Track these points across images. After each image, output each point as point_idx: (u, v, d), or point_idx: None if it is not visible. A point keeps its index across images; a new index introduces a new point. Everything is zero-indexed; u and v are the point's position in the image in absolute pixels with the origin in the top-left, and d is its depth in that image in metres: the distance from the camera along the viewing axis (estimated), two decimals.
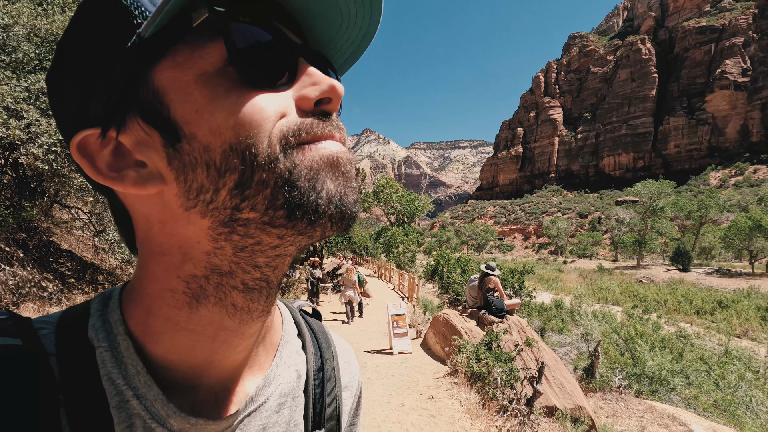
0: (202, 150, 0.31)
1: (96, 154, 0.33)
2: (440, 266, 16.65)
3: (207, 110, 0.31)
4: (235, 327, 0.37)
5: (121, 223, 0.39)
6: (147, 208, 0.35)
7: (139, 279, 0.37)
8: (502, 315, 6.83)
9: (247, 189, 0.31)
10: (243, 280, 0.35)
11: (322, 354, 0.52)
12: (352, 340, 8.74)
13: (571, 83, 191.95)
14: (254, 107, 0.31)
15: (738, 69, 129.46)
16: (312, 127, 0.34)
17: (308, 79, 0.35)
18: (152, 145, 0.32)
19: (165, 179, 0.33)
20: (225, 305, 0.35)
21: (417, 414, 4.80)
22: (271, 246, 0.34)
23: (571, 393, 5.45)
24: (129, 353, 0.35)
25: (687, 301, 22.60)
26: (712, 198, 56.17)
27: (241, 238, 0.33)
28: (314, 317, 0.61)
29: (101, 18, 0.32)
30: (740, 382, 8.00)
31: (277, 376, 0.45)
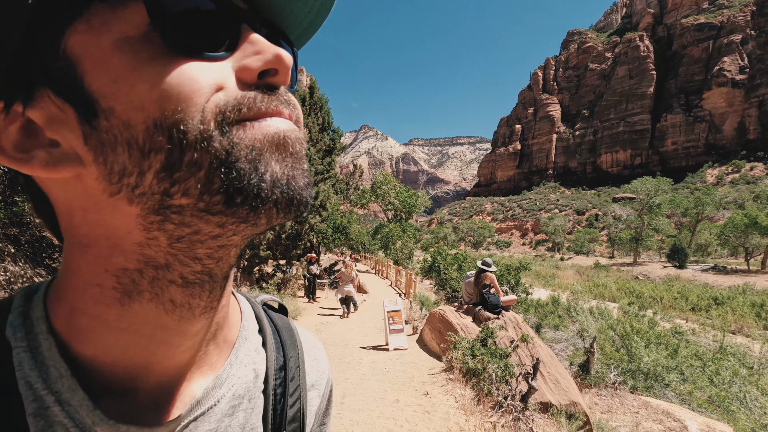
0: (122, 126, 0.27)
1: (1, 132, 0.29)
2: (437, 262, 16.67)
3: (127, 81, 0.27)
4: (175, 325, 0.33)
5: (41, 211, 0.35)
6: (67, 194, 0.31)
7: (63, 272, 0.33)
8: (497, 311, 6.83)
9: (176, 171, 0.27)
10: (182, 273, 0.31)
11: (285, 351, 0.48)
12: (348, 337, 8.73)
13: (569, 80, 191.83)
14: (183, 77, 0.27)
15: (736, 66, 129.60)
16: (255, 101, 0.30)
17: (251, 48, 0.30)
18: (66, 121, 0.28)
19: (83, 161, 0.28)
20: (162, 301, 0.32)
21: (412, 410, 4.80)
22: (212, 236, 0.30)
23: (567, 389, 5.45)
24: (51, 354, 0.31)
25: (683, 298, 22.72)
26: (709, 195, 56.19)
27: (176, 227, 0.29)
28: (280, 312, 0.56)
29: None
30: (734, 378, 8.05)
31: (231, 376, 0.41)
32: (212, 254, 0.32)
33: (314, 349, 0.55)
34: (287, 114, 0.32)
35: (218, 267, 0.33)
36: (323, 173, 14.93)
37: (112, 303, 0.31)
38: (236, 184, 0.27)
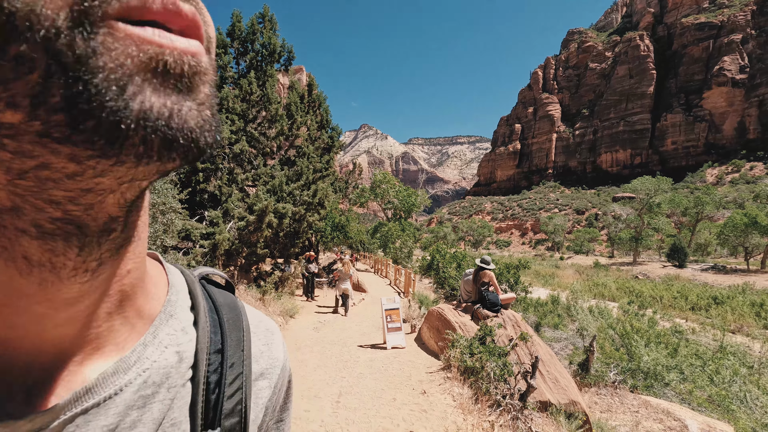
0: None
1: None
2: (436, 261, 16.61)
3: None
4: (35, 290, 0.26)
5: None
6: None
7: None
8: (496, 309, 6.77)
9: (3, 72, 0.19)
10: (35, 221, 0.24)
11: (223, 333, 0.41)
12: (346, 335, 8.68)
13: (569, 79, 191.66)
14: None
15: (736, 66, 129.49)
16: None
17: None
18: None
19: None
20: (13, 258, 0.24)
21: (409, 409, 4.74)
22: (67, 174, 0.23)
23: (566, 388, 5.40)
24: None
25: (682, 297, 22.69)
26: (709, 195, 56.10)
27: (14, 156, 0.21)
28: (226, 290, 0.48)
29: None
30: (735, 377, 8.00)
31: (143, 359, 0.33)
32: (75, 199, 0.24)
33: (268, 332, 0.47)
34: (187, 11, 0.25)
35: (88, 216, 0.25)
36: (322, 171, 14.84)
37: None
38: (84, 104, 0.20)
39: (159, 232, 7.20)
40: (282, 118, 12.48)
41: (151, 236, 7.08)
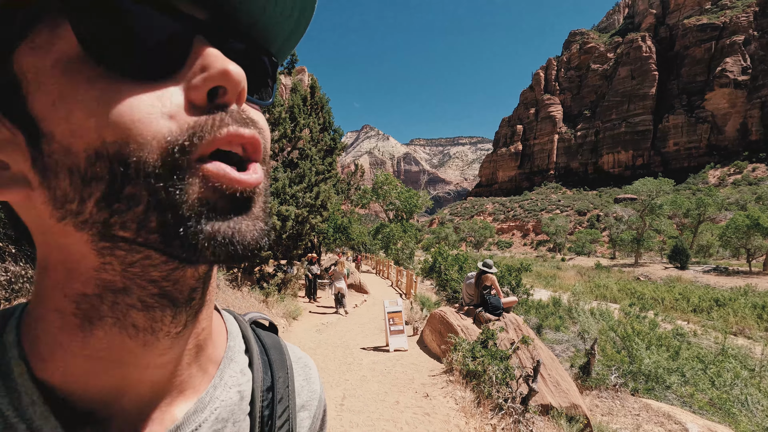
0: (62, 152, 0.26)
1: None
2: (438, 263, 16.65)
3: (64, 105, 0.25)
4: (140, 350, 0.32)
5: (19, 230, 0.33)
6: (27, 216, 0.30)
7: (33, 296, 0.33)
8: (498, 313, 6.81)
9: (117, 203, 0.26)
10: (141, 297, 0.30)
11: (273, 371, 0.47)
12: (349, 337, 8.74)
13: (571, 80, 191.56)
14: (123, 105, 0.25)
15: (738, 67, 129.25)
16: (206, 128, 0.28)
17: (198, 64, 0.28)
18: (15, 142, 0.28)
19: (31, 184, 0.28)
20: (125, 326, 0.31)
21: (412, 412, 4.79)
22: (163, 261, 0.30)
23: (567, 391, 5.44)
24: (23, 380, 0.30)
25: (684, 299, 22.68)
26: (711, 196, 56.09)
27: (127, 254, 0.28)
28: (270, 331, 0.55)
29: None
30: (736, 380, 8.02)
31: (214, 398, 0.39)
32: (167, 277, 0.31)
33: (305, 368, 0.54)
34: (248, 135, 0.30)
35: (176, 289, 0.32)
36: (324, 173, 14.90)
37: (73, 329, 0.30)
38: (172, 230, 0.27)
39: None
40: (285, 121, 12.55)
41: None
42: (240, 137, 0.29)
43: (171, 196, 0.26)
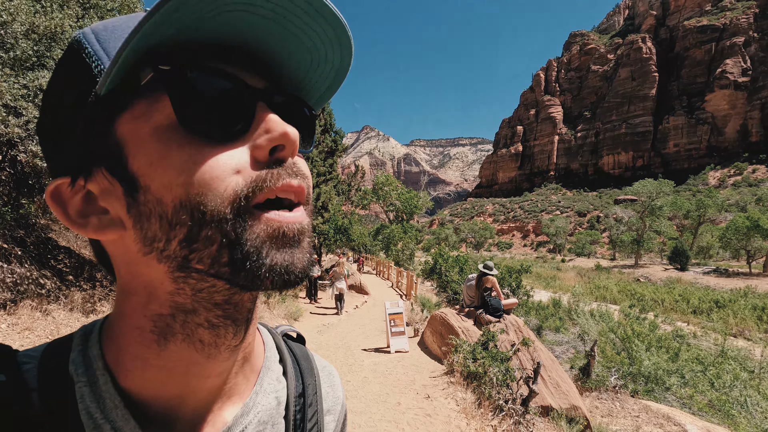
0: (155, 202, 0.32)
1: (68, 201, 0.35)
2: (438, 265, 16.69)
3: (160, 165, 0.32)
4: (205, 361, 0.38)
5: (102, 261, 0.40)
6: (114, 250, 0.37)
7: (114, 315, 0.39)
8: (499, 314, 6.86)
9: (194, 243, 0.32)
10: (207, 318, 0.36)
11: (303, 379, 0.52)
12: (350, 338, 8.78)
13: (571, 81, 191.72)
14: (205, 166, 0.32)
15: (738, 69, 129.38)
16: (266, 181, 0.34)
17: (262, 127, 0.35)
18: (115, 193, 0.34)
19: (125, 225, 0.34)
20: (193, 342, 0.36)
21: (413, 413, 4.83)
22: (226, 288, 0.36)
23: (567, 393, 5.48)
24: (107, 388, 0.36)
25: (684, 301, 22.71)
26: (711, 198, 56.23)
27: (197, 281, 0.35)
28: (298, 342, 0.62)
29: (66, 75, 0.34)
30: (735, 381, 8.05)
31: (257, 404, 0.45)
32: (229, 300, 0.36)
33: (330, 376, 0.60)
34: (296, 185, 0.36)
35: (236, 310, 0.38)
36: (325, 175, 14.97)
37: (150, 344, 0.36)
38: (240, 264, 0.33)
39: None
40: None
41: None
42: (291, 187, 0.35)
43: (239, 236, 0.32)
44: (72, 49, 0.34)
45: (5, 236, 5.98)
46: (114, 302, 0.39)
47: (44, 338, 5.14)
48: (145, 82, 0.32)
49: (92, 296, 6.70)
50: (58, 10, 5.40)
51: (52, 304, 5.78)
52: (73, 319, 5.87)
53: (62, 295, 6.07)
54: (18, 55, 4.91)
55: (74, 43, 0.34)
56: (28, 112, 4.73)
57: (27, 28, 4.93)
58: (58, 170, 0.36)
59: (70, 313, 5.90)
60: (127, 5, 7.00)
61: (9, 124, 4.61)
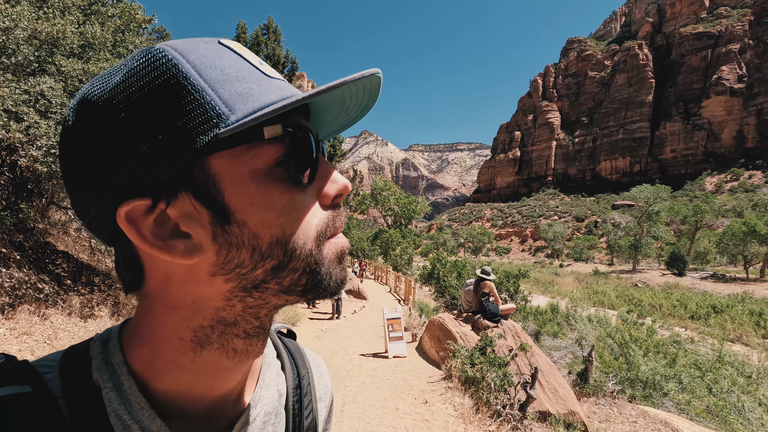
0: (251, 236, 0.36)
1: (141, 222, 0.35)
2: (436, 269, 16.70)
3: (261, 206, 0.35)
4: (233, 366, 0.41)
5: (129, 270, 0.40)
6: (172, 268, 0.37)
7: (146, 325, 0.40)
8: (496, 320, 6.88)
9: (281, 272, 0.37)
10: (245, 329, 0.40)
11: (299, 372, 0.57)
12: (348, 343, 8.77)
13: (568, 87, 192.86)
14: (300, 210, 0.37)
15: (734, 75, 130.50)
16: (334, 222, 0.40)
17: (329, 178, 0.41)
18: (199, 220, 0.35)
19: (204, 250, 0.36)
20: (226, 350, 0.40)
21: (411, 418, 4.83)
22: (276, 305, 0.40)
23: (564, 398, 5.49)
24: (132, 391, 0.38)
25: (682, 306, 22.73)
26: (708, 203, 56.47)
27: (255, 300, 0.38)
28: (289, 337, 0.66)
29: (179, 108, 0.33)
30: (733, 387, 8.07)
31: (262, 397, 0.49)
32: (268, 314, 0.41)
33: (319, 366, 0.65)
34: (344, 220, 0.43)
35: (268, 321, 0.42)
36: None
37: (187, 351, 0.39)
38: (315, 284, 0.39)
39: None
40: None
41: None
42: (342, 223, 0.42)
43: (318, 264, 0.39)
44: (172, 77, 0.34)
45: (4, 240, 5.98)
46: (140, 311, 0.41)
47: (42, 343, 5.13)
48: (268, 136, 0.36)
49: (90, 301, 6.69)
50: (60, 16, 5.44)
51: (50, 308, 5.78)
52: (71, 323, 5.86)
53: (60, 300, 6.07)
54: (20, 61, 4.95)
55: (172, 69, 0.34)
56: (29, 117, 4.76)
57: (29, 33, 4.97)
58: (133, 192, 0.34)
59: (68, 318, 5.89)
60: (128, 12, 7.06)
61: (10, 129, 4.63)
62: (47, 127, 4.87)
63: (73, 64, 5.33)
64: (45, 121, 4.92)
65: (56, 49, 5.37)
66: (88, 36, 5.80)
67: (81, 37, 5.72)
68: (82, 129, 0.35)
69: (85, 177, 0.35)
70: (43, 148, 4.91)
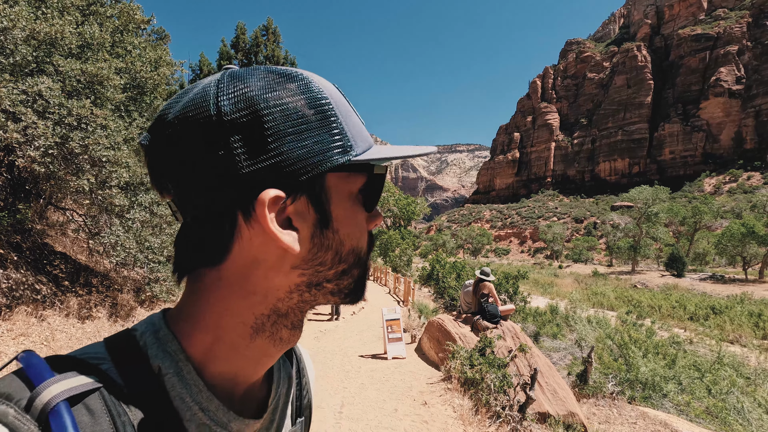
0: (338, 242, 0.44)
1: (272, 208, 0.39)
2: (436, 271, 16.68)
3: (351, 219, 0.45)
4: (275, 354, 0.47)
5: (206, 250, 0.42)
6: (264, 255, 0.41)
7: (212, 311, 0.43)
8: (496, 321, 6.87)
9: (345, 275, 0.45)
10: (292, 321, 0.46)
11: (297, 359, 0.64)
12: (347, 345, 8.75)
13: (567, 89, 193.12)
14: (365, 230, 0.47)
15: (732, 77, 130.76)
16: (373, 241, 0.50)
17: (375, 212, 0.49)
18: (308, 220, 0.42)
19: (301, 245, 0.42)
20: (274, 339, 0.45)
21: (410, 420, 4.81)
22: (319, 303, 0.47)
23: (564, 399, 5.48)
24: (191, 376, 0.42)
25: (681, 307, 22.74)
26: (707, 204, 56.56)
27: (310, 296, 0.45)
28: None
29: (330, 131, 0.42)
30: (732, 388, 8.06)
31: (279, 378, 0.55)
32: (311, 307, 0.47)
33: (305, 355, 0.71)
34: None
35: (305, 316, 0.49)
36: None
37: (246, 337, 0.43)
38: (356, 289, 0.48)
39: (166, 242, 7.30)
40: None
41: (158, 247, 7.19)
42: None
43: (365, 274, 0.48)
44: (326, 104, 0.42)
45: (1, 241, 5.95)
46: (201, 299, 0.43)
47: (39, 344, 5.10)
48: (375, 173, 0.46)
49: (88, 302, 6.66)
50: (58, 17, 5.43)
51: (48, 309, 5.75)
52: (69, 324, 5.83)
53: (58, 301, 6.04)
54: (18, 61, 4.93)
55: (323, 98, 0.43)
56: (27, 117, 4.74)
57: (27, 34, 4.95)
58: (274, 183, 0.39)
59: (65, 319, 5.86)
60: (126, 12, 7.04)
61: (8, 130, 4.61)
62: (45, 128, 4.85)
63: (72, 65, 5.31)
64: (43, 121, 4.90)
65: (54, 50, 5.36)
66: (86, 36, 5.79)
67: (79, 38, 5.70)
68: (245, 126, 0.39)
69: (223, 166, 0.39)
70: (41, 149, 4.89)
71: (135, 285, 8.10)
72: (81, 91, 5.59)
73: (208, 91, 0.40)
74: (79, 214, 7.41)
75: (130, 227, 6.88)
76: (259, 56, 13.12)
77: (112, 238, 6.59)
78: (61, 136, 5.02)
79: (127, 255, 6.80)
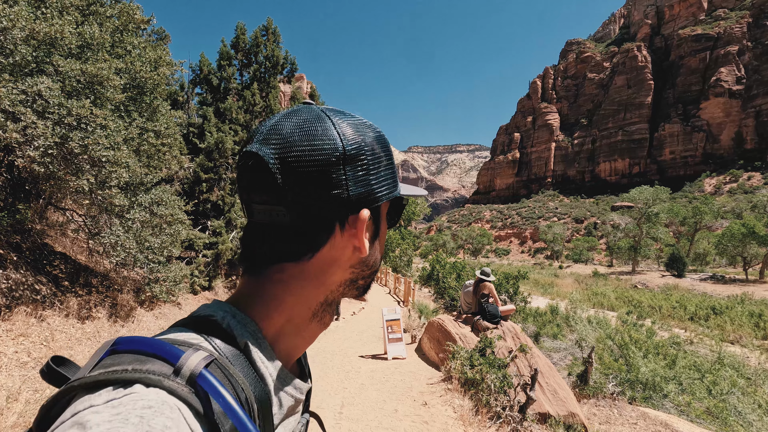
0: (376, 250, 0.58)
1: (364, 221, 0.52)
2: (436, 271, 16.66)
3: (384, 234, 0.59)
4: (318, 334, 0.58)
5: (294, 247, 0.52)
6: (345, 256, 0.54)
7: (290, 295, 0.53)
8: (496, 321, 6.85)
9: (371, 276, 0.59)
10: (332, 309, 0.57)
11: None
12: (347, 345, 8.74)
13: (567, 89, 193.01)
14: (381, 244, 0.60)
15: (732, 77, 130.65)
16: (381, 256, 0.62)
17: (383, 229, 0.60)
18: (370, 232, 0.55)
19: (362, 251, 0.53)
20: (322, 322, 0.56)
21: (410, 420, 4.80)
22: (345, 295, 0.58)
23: (564, 399, 5.47)
24: (268, 351, 0.51)
25: (681, 307, 22.72)
26: (707, 204, 56.47)
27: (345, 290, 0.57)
28: None
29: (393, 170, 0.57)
30: (732, 389, 8.05)
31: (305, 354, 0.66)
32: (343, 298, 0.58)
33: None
34: None
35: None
36: None
37: (307, 319, 0.55)
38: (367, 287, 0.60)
39: (166, 243, 7.29)
40: None
41: (158, 247, 7.18)
42: None
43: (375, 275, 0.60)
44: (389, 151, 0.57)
45: (1, 242, 5.94)
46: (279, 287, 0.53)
47: (39, 344, 5.09)
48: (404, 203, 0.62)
49: (88, 302, 6.66)
50: (58, 17, 5.42)
51: (47, 309, 5.74)
52: (69, 325, 5.82)
53: (57, 301, 6.03)
54: (17, 61, 4.92)
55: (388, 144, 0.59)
56: (26, 117, 4.73)
57: (27, 34, 4.94)
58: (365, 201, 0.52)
59: (65, 319, 5.86)
60: (126, 12, 7.03)
61: (7, 130, 4.60)
62: (44, 128, 4.84)
63: (71, 65, 5.30)
64: (42, 121, 4.89)
65: (54, 50, 5.35)
66: (86, 36, 5.78)
67: (79, 38, 5.70)
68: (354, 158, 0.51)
69: (338, 188, 0.51)
70: (41, 149, 4.88)
71: (135, 285, 8.09)
72: (81, 91, 5.58)
73: (329, 127, 0.51)
74: (78, 214, 7.40)
75: (130, 227, 6.87)
76: (259, 56, 13.10)
77: (112, 239, 6.58)
78: (60, 136, 5.01)
79: (126, 255, 6.79)
